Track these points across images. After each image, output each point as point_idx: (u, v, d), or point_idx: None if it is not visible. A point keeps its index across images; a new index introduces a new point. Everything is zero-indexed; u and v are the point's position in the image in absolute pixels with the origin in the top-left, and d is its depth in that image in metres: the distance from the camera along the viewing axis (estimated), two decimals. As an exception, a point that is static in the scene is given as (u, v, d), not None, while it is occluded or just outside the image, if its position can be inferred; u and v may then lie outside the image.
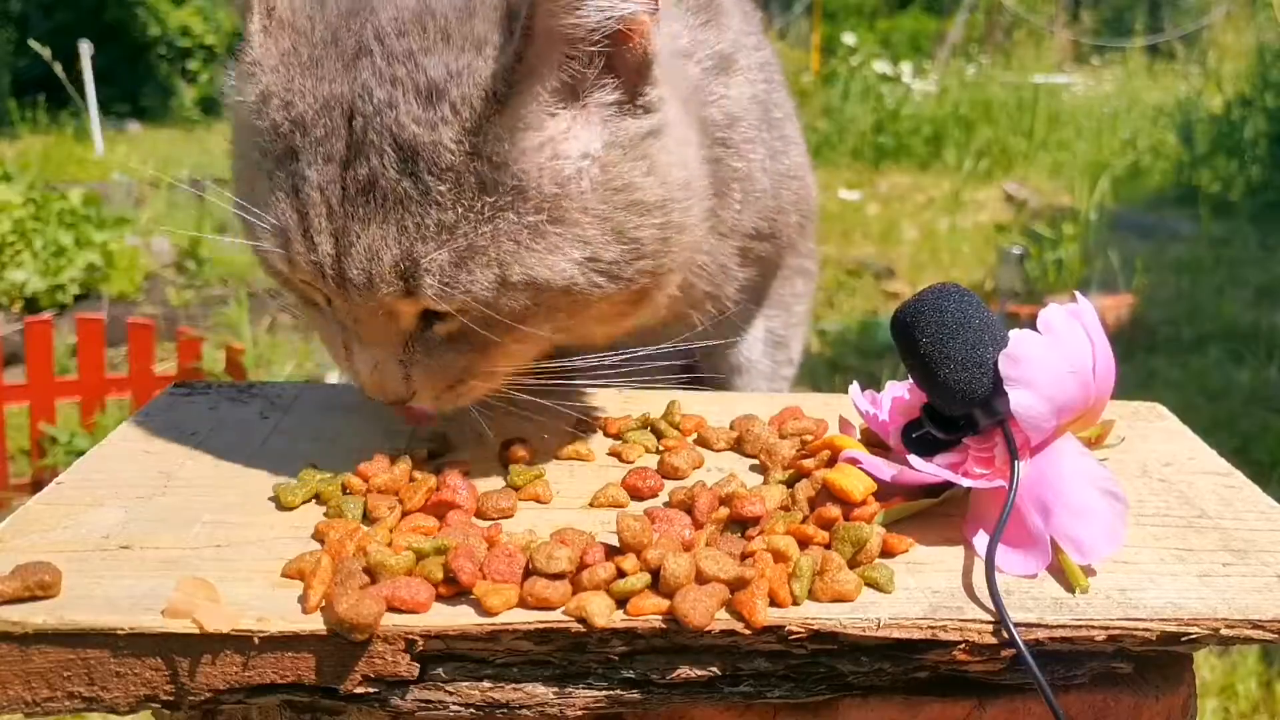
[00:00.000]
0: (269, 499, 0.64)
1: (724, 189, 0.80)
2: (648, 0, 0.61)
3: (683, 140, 0.68)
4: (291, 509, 0.63)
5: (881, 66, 7.23)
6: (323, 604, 0.52)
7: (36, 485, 2.38)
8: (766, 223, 0.86)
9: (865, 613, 0.54)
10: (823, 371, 3.16)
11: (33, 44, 4.70)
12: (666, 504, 0.63)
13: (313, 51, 0.63)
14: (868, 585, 0.56)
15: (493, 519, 0.63)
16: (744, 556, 0.57)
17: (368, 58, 0.61)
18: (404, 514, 0.62)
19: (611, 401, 0.83)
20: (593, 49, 0.62)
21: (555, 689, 0.53)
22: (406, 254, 0.60)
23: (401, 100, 0.60)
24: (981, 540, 0.59)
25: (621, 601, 0.53)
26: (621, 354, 0.72)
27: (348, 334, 0.67)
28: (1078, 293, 0.65)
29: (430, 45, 0.61)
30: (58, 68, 4.38)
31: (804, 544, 0.58)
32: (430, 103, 0.60)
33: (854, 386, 0.70)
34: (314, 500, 0.64)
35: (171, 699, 0.52)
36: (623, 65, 0.63)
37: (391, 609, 0.52)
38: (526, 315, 0.63)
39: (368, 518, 0.62)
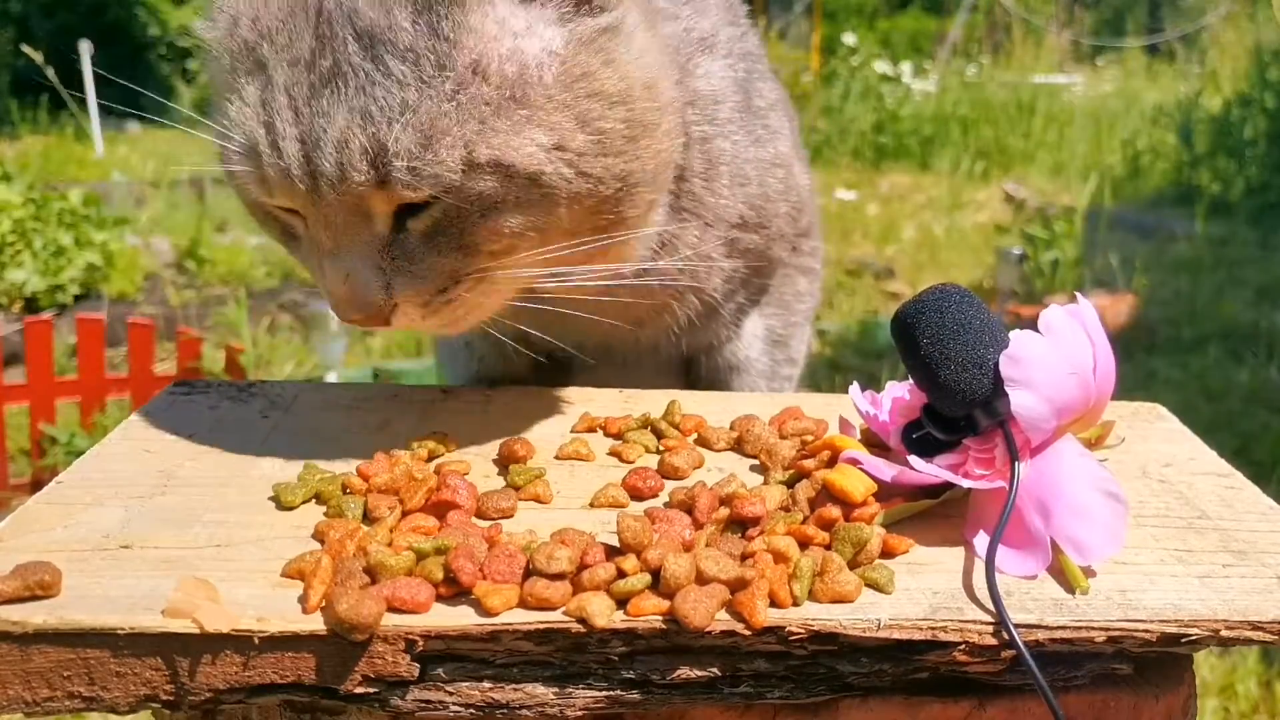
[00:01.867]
0: (269, 499, 0.64)
1: (712, 169, 0.81)
2: None
3: (645, 47, 0.69)
4: (291, 509, 0.63)
5: (881, 66, 7.23)
6: (323, 604, 0.52)
7: (36, 485, 2.39)
8: (754, 210, 0.86)
9: (865, 613, 0.54)
10: (823, 371, 3.16)
11: (25, 49, 4.67)
12: (666, 504, 0.63)
13: None
14: (868, 586, 0.56)
15: (493, 519, 0.63)
16: (744, 557, 0.57)
17: None
18: (404, 514, 0.62)
19: (612, 401, 0.83)
20: None
21: (555, 689, 0.53)
22: (373, 138, 0.61)
23: None
24: (981, 541, 0.59)
25: (622, 602, 0.53)
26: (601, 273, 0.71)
27: (322, 252, 0.66)
28: (1077, 293, 0.65)
29: None
30: (50, 72, 4.33)
31: (804, 544, 0.58)
32: None
33: (854, 387, 0.70)
34: (314, 500, 0.64)
35: (171, 699, 0.52)
36: None
37: (391, 609, 0.52)
38: (497, 204, 0.63)
39: (368, 518, 0.62)
